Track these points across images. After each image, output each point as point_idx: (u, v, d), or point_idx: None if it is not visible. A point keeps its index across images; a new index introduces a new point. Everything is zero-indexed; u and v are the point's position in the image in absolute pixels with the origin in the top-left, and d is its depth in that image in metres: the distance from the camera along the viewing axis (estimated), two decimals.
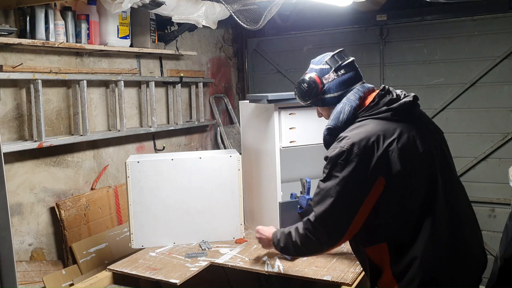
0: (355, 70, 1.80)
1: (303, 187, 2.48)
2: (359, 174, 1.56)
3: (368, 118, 1.65)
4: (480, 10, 3.92)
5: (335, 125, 1.70)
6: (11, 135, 2.87)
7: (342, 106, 1.71)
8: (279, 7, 2.55)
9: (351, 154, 1.56)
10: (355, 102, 1.70)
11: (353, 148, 1.56)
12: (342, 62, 1.78)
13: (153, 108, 3.81)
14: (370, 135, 1.58)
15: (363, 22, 4.41)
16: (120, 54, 3.57)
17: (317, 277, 2.11)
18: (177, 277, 2.16)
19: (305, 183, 2.46)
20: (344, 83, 1.77)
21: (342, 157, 1.57)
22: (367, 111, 1.68)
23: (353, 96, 1.72)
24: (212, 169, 2.60)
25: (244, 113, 2.83)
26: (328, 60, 1.81)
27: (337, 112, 1.71)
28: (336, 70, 1.77)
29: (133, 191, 2.53)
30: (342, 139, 1.61)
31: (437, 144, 1.71)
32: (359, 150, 1.56)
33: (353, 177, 1.56)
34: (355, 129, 1.63)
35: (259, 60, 5.07)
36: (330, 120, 1.73)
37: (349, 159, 1.56)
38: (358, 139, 1.57)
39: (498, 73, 3.86)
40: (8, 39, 2.61)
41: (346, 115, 1.69)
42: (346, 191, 1.58)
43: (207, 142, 4.71)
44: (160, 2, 2.90)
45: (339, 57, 1.80)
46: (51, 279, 2.86)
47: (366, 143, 1.56)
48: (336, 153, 1.59)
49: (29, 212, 2.96)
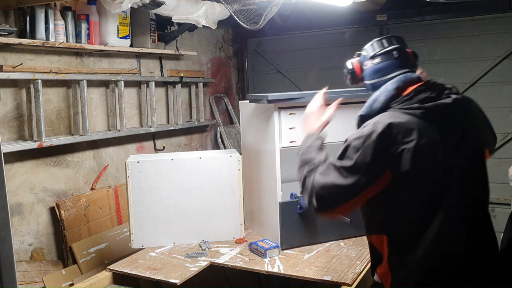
0: (394, 59, 1.74)
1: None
2: (370, 161, 1.53)
3: (398, 110, 1.61)
4: (480, 10, 3.92)
5: (367, 113, 1.68)
6: (11, 135, 2.87)
7: (378, 95, 1.68)
8: (279, 7, 2.55)
9: (368, 141, 1.53)
10: (391, 93, 1.66)
11: (372, 135, 1.54)
12: (379, 51, 1.76)
13: (153, 108, 3.81)
14: (393, 128, 1.54)
15: (363, 22, 4.41)
16: (120, 54, 3.57)
17: (317, 277, 2.11)
18: (177, 277, 2.16)
19: None
20: (377, 71, 1.74)
21: (360, 141, 1.55)
22: (399, 103, 1.62)
23: (391, 85, 1.67)
24: (212, 169, 2.60)
25: (244, 113, 2.83)
26: (368, 46, 1.81)
27: (371, 100, 1.69)
28: (371, 57, 1.77)
29: (133, 191, 2.53)
30: (366, 125, 1.60)
31: (467, 158, 1.63)
32: (377, 139, 1.53)
33: (364, 162, 1.53)
34: (381, 117, 1.59)
35: (259, 60, 5.07)
36: (364, 107, 1.71)
37: (365, 145, 1.53)
38: (381, 128, 1.54)
39: (498, 73, 3.86)
40: (8, 39, 2.61)
41: (380, 104, 1.66)
42: (353, 173, 1.55)
43: (207, 142, 4.71)
44: (160, 2, 2.90)
45: (379, 45, 1.78)
46: (51, 279, 2.86)
47: (386, 133, 1.53)
48: (356, 136, 1.58)
49: (29, 212, 2.96)
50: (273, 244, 2.39)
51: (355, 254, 2.34)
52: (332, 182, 1.57)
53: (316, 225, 2.51)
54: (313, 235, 2.51)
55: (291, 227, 2.45)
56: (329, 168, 1.60)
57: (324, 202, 1.59)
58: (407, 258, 1.57)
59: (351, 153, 1.56)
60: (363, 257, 2.29)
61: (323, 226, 2.51)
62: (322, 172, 1.61)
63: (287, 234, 2.44)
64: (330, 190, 1.57)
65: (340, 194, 1.58)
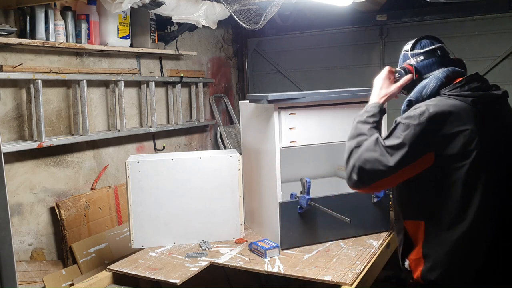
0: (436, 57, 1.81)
1: (303, 187, 2.47)
2: (416, 140, 1.57)
3: (449, 97, 1.66)
4: (480, 10, 3.92)
5: (416, 98, 1.73)
6: (11, 135, 2.87)
7: (428, 81, 1.74)
8: (279, 7, 2.55)
9: (418, 120, 1.58)
10: (441, 80, 1.72)
11: (423, 115, 1.58)
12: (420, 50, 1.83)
13: (153, 108, 3.81)
14: (444, 111, 1.59)
15: (363, 22, 4.41)
16: (120, 54, 3.57)
17: (317, 277, 2.11)
18: (177, 277, 2.16)
19: (305, 183, 2.46)
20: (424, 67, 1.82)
21: (409, 120, 1.60)
22: (451, 89, 1.68)
23: (441, 74, 1.74)
24: (212, 169, 2.60)
25: (244, 113, 2.83)
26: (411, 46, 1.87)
27: (421, 86, 1.74)
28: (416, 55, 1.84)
29: (133, 191, 2.53)
30: (417, 107, 1.64)
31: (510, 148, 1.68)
32: (428, 119, 1.57)
33: (410, 139, 1.57)
34: (433, 101, 1.65)
35: (259, 60, 5.07)
36: (413, 93, 1.75)
37: (415, 124, 1.58)
38: (433, 110, 1.59)
39: (498, 73, 3.86)
40: (8, 39, 2.61)
41: (430, 90, 1.72)
42: (398, 150, 1.59)
43: (207, 142, 4.71)
44: (160, 2, 2.90)
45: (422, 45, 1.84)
46: (51, 279, 2.86)
47: (437, 116, 1.58)
48: (406, 116, 1.63)
49: (29, 212, 2.96)
50: (273, 244, 2.39)
51: (355, 254, 2.34)
52: (375, 158, 1.61)
53: (317, 225, 2.50)
54: (313, 235, 2.50)
55: (291, 227, 2.44)
56: (376, 145, 1.64)
57: (364, 175, 1.63)
58: (443, 243, 1.61)
59: (399, 131, 1.61)
60: (363, 257, 2.29)
61: (323, 226, 2.51)
62: (368, 148, 1.65)
63: (287, 234, 2.43)
64: (373, 164, 1.61)
65: (380, 169, 1.61)
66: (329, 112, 2.52)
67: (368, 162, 1.62)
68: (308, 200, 2.40)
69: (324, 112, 2.51)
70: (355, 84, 4.42)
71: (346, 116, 2.56)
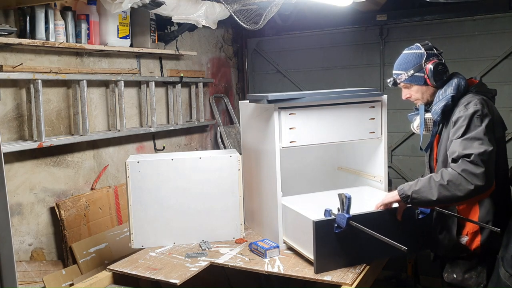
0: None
1: (342, 204, 2.11)
2: (491, 127, 2.05)
3: (479, 93, 2.17)
4: (480, 10, 3.92)
5: (457, 93, 2.18)
6: (11, 135, 2.87)
7: (458, 81, 2.21)
8: (279, 7, 2.55)
9: (484, 111, 2.06)
10: (464, 79, 2.24)
11: (484, 108, 2.07)
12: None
13: (153, 108, 3.81)
14: (487, 104, 2.11)
15: (363, 22, 4.41)
16: (120, 54, 3.57)
17: (317, 277, 2.11)
18: (177, 277, 2.16)
19: (344, 199, 2.10)
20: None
21: (478, 113, 2.04)
22: (477, 87, 2.22)
23: (461, 76, 2.25)
24: (212, 169, 2.60)
25: (244, 113, 2.83)
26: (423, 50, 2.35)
27: (455, 84, 2.20)
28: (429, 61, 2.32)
29: (133, 191, 2.53)
30: (469, 103, 2.10)
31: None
32: (488, 110, 2.08)
33: (489, 128, 2.02)
34: (475, 98, 2.13)
35: (259, 60, 5.07)
36: (451, 90, 2.19)
37: (484, 115, 2.05)
38: (483, 104, 2.09)
39: (498, 73, 3.86)
40: (8, 39, 2.61)
41: (463, 86, 2.20)
42: (487, 133, 2.00)
43: (207, 142, 4.71)
44: (160, 2, 2.89)
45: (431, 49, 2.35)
46: (51, 279, 2.86)
47: (487, 107, 2.09)
48: (472, 111, 2.05)
49: (29, 212, 2.96)
50: (273, 244, 2.39)
51: None
52: (485, 148, 1.95)
53: (356, 246, 2.19)
54: (352, 257, 2.20)
55: (327, 249, 2.14)
56: (467, 140, 2.00)
57: (490, 169, 1.94)
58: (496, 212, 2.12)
59: (478, 123, 2.03)
60: None
61: (363, 248, 2.19)
62: (465, 147, 1.99)
63: (322, 258, 2.14)
64: (489, 156, 1.95)
65: (492, 159, 1.97)
66: (329, 112, 2.52)
67: (479, 156, 1.94)
68: (347, 219, 2.09)
69: (324, 112, 2.51)
70: (355, 84, 4.43)
71: (346, 116, 2.56)
